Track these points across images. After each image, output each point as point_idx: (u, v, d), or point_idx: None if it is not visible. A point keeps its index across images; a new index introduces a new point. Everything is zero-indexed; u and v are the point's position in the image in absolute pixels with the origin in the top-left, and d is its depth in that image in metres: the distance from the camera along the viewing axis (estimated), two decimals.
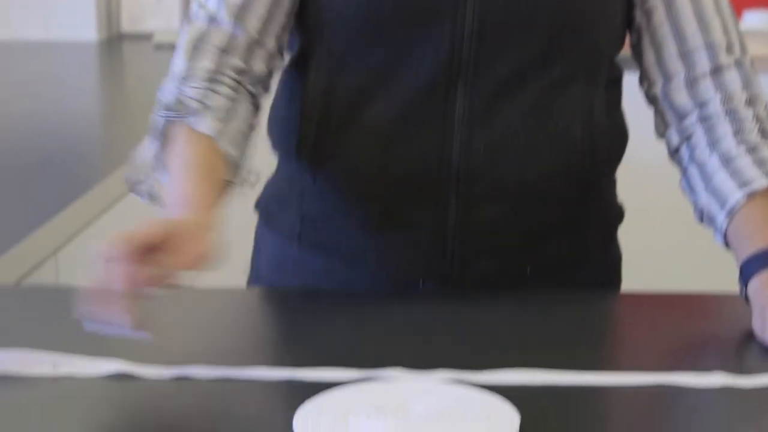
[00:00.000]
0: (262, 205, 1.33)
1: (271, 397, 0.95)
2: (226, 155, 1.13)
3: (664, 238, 3.00)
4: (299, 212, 1.27)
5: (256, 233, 1.36)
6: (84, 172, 1.84)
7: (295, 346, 1.06)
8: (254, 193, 1.32)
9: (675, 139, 1.23)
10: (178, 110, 1.14)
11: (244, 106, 1.18)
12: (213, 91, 1.15)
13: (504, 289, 1.22)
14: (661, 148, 1.26)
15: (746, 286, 1.11)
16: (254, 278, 1.36)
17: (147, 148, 1.18)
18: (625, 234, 1.36)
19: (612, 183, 1.32)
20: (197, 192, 1.08)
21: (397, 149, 1.19)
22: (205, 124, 1.13)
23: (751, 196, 1.14)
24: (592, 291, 1.30)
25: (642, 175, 2.97)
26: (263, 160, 1.29)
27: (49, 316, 1.16)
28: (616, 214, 1.34)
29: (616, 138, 1.27)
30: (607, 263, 1.35)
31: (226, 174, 1.14)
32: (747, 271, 1.11)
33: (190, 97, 1.14)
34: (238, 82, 1.17)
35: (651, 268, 2.85)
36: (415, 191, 1.20)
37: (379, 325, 1.10)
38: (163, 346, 1.07)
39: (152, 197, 1.18)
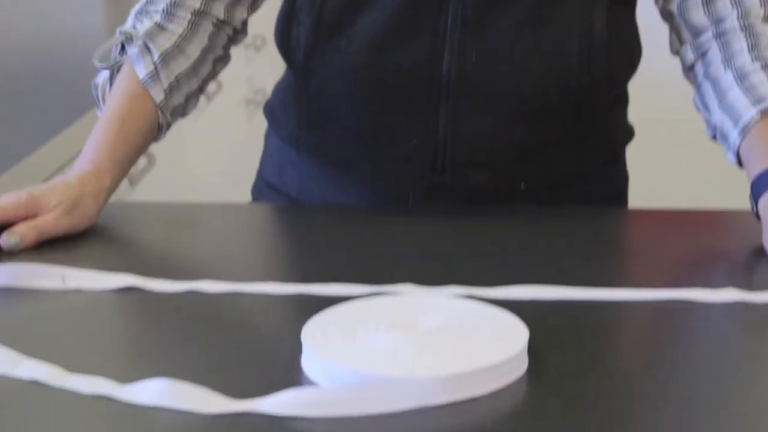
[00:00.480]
0: (268, 109, 1.35)
1: (281, 311, 0.95)
2: (156, 101, 1.20)
3: (675, 158, 2.99)
4: (297, 116, 1.28)
5: (265, 136, 1.38)
6: (86, 93, 1.82)
7: (304, 262, 1.06)
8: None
9: (690, 55, 1.21)
10: (128, 39, 1.21)
11: (203, 36, 1.23)
12: (171, 18, 1.21)
13: (507, 204, 1.22)
14: (675, 65, 1.24)
15: (757, 203, 1.10)
16: (258, 179, 1.38)
17: (106, 71, 1.24)
18: (635, 154, 1.35)
19: (619, 101, 1.31)
20: (101, 142, 1.17)
21: (388, 56, 1.18)
22: (142, 66, 1.20)
23: (765, 113, 1.13)
24: (600, 207, 1.30)
25: (657, 93, 2.96)
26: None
27: None
28: (623, 134, 1.32)
29: (622, 56, 1.24)
30: (610, 184, 1.34)
31: (146, 118, 1.21)
32: (758, 187, 1.11)
33: (145, 25, 1.21)
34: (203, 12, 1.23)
35: (661, 190, 2.85)
36: (406, 100, 1.20)
37: (386, 241, 1.10)
38: (172, 261, 1.07)
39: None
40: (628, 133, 1.33)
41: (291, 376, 0.81)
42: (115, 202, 1.19)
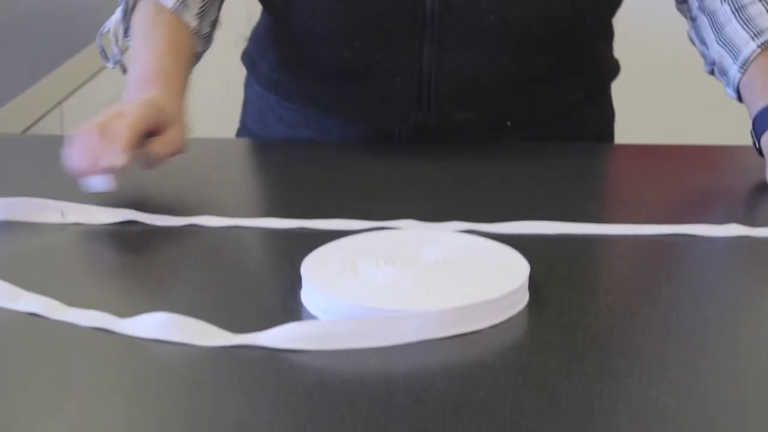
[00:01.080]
0: (246, 56, 1.33)
1: (280, 245, 0.95)
2: (190, 27, 1.16)
3: (661, 95, 2.97)
4: (276, 59, 1.26)
5: (245, 85, 1.36)
6: (90, 22, 1.80)
7: (303, 197, 1.05)
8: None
9: None
10: None
11: None
12: None
13: (482, 140, 1.21)
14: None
15: (759, 139, 1.10)
16: (242, 130, 1.36)
17: (117, 14, 1.19)
18: (620, 91, 1.34)
19: (604, 35, 1.28)
20: (162, 68, 1.11)
21: None
22: None
23: (766, 46, 1.12)
24: (596, 143, 1.29)
25: (643, 27, 2.94)
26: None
27: (56, 166, 1.15)
28: (608, 69, 1.30)
29: None
30: (596, 120, 1.32)
31: (190, 46, 1.16)
32: (761, 123, 1.10)
33: None
34: None
35: (646, 127, 2.83)
36: (389, 35, 1.17)
37: (386, 177, 1.09)
38: (171, 196, 1.06)
39: (121, 65, 1.20)
40: (613, 68, 1.31)
41: (290, 310, 0.81)
42: None
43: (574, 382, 0.71)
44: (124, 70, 1.19)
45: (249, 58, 1.32)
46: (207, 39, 1.21)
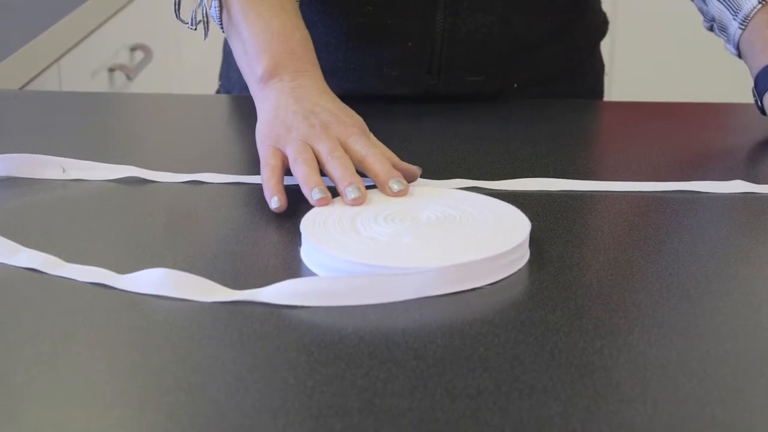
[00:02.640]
0: None
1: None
2: None
3: (650, 49, 2.96)
4: None
5: (225, 48, 1.32)
6: None
7: None
8: None
9: None
10: None
11: None
12: None
13: (499, 99, 1.21)
14: None
15: (762, 97, 1.09)
16: (225, 87, 1.32)
17: None
18: (610, 45, 1.34)
19: None
20: (302, 40, 1.02)
21: None
22: None
23: (766, 2, 1.11)
24: (600, 101, 1.29)
25: None
26: None
27: (55, 122, 1.15)
28: (601, 23, 1.32)
29: None
30: (592, 75, 1.34)
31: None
32: (764, 81, 1.09)
33: None
34: None
35: (635, 80, 2.83)
36: (400, 1, 1.17)
37: (388, 134, 1.09)
38: (173, 152, 1.06)
39: (202, 22, 1.09)
40: (604, 22, 1.33)
41: (290, 267, 0.81)
42: (113, 93, 1.18)
43: (574, 338, 0.71)
44: (206, 26, 1.09)
45: None
46: None
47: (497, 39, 1.19)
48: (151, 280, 0.77)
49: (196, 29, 1.09)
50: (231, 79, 1.31)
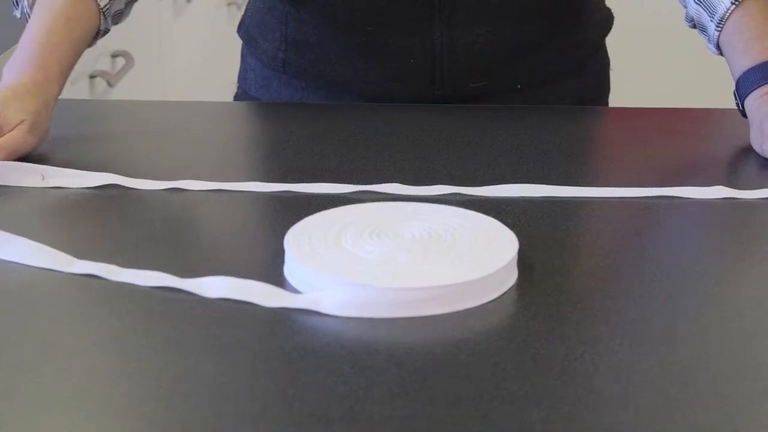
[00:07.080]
0: (243, 30, 1.32)
1: (264, 209, 0.94)
2: (100, 4, 1.12)
3: (655, 46, 2.97)
4: (283, 39, 1.25)
5: (242, 53, 1.34)
6: None
7: (288, 161, 1.04)
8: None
9: None
10: None
11: None
12: None
13: (495, 104, 1.21)
14: None
15: (743, 101, 1.09)
16: (241, 93, 1.34)
17: None
18: (615, 42, 1.35)
19: None
20: (46, 46, 1.08)
21: None
22: None
23: (739, 2, 1.11)
24: (586, 106, 1.29)
25: None
26: None
27: None
28: (605, 19, 1.33)
29: None
30: (596, 71, 1.34)
31: (90, 23, 1.12)
32: (744, 85, 1.09)
33: None
34: None
35: (640, 77, 2.84)
36: (399, 17, 1.18)
37: (371, 140, 1.09)
38: (153, 160, 1.05)
39: (26, 18, 1.14)
40: (609, 18, 1.33)
41: (273, 281, 0.80)
42: (94, 100, 1.17)
43: (555, 344, 0.71)
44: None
45: (248, 34, 1.31)
46: (119, 16, 1.17)
47: (496, 47, 1.20)
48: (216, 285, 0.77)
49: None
50: (248, 80, 1.32)
